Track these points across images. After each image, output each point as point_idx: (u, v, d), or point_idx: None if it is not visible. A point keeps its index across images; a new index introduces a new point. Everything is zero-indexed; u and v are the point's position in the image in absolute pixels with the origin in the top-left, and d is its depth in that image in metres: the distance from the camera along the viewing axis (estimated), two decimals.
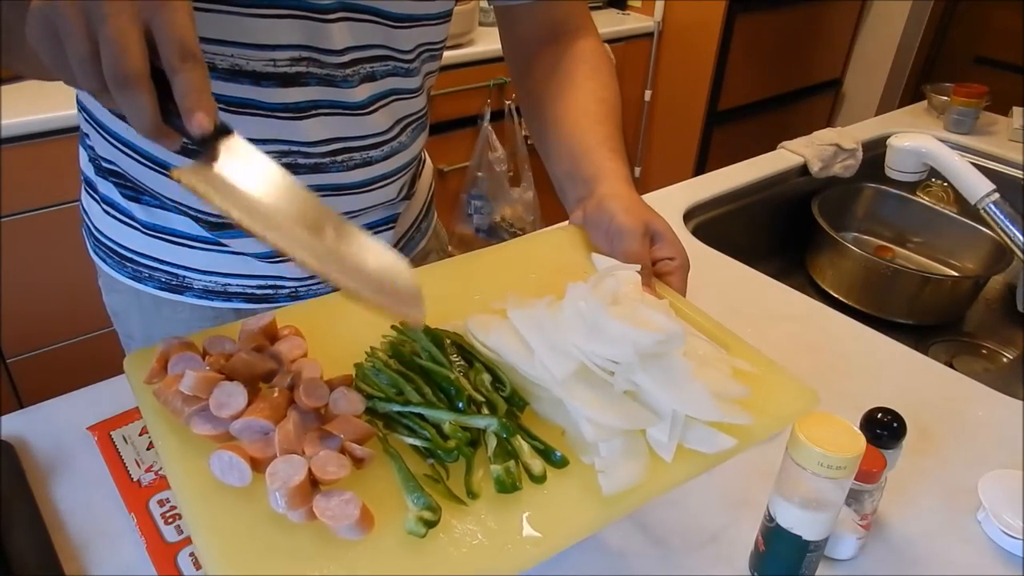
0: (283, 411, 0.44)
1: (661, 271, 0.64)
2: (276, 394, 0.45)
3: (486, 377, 0.48)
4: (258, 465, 0.41)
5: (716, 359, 0.51)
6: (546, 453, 0.45)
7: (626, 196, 0.67)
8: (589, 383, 0.47)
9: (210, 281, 0.75)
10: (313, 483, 0.40)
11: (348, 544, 0.40)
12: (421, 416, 0.46)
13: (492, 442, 0.44)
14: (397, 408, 0.46)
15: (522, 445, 0.45)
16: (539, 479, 0.44)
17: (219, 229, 0.72)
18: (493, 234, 2.28)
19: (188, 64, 0.40)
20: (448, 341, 0.51)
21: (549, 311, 0.51)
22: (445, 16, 0.73)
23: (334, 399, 0.46)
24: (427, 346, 0.50)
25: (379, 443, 0.45)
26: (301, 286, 0.78)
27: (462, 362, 0.50)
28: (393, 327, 0.53)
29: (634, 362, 0.46)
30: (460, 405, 0.46)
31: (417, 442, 0.45)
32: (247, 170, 0.44)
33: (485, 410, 0.46)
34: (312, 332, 0.52)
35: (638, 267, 0.60)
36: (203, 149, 0.43)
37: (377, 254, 0.45)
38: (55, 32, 0.40)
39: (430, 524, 0.40)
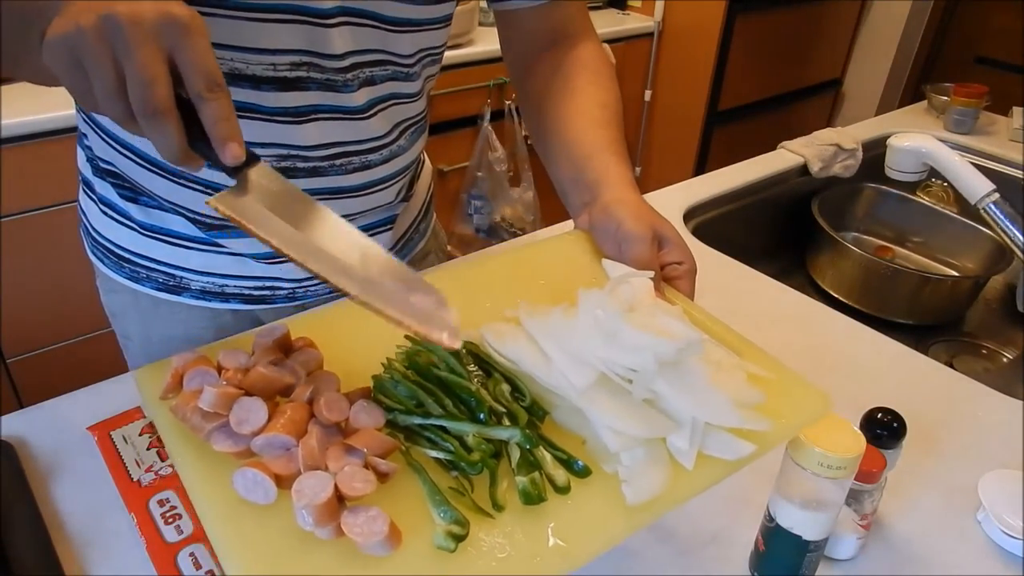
0: (304, 426, 0.44)
1: (669, 275, 0.64)
2: (296, 408, 0.44)
3: (505, 387, 0.48)
4: (282, 482, 0.41)
5: (730, 364, 0.51)
6: (568, 463, 0.45)
7: (632, 201, 0.66)
8: (608, 392, 0.47)
9: (207, 282, 0.75)
10: (339, 499, 0.40)
11: (376, 561, 0.39)
12: (443, 428, 0.45)
13: (515, 453, 0.44)
14: (418, 420, 0.46)
15: (545, 456, 0.44)
16: (563, 490, 0.43)
17: (215, 230, 0.72)
18: (493, 234, 2.28)
19: (215, 93, 0.41)
20: (464, 351, 0.50)
21: (565, 319, 0.51)
22: (445, 20, 0.73)
23: (354, 412, 0.45)
24: (445, 357, 0.50)
25: (401, 456, 0.44)
26: (299, 287, 0.78)
27: (479, 372, 0.49)
28: (407, 337, 0.52)
29: (653, 370, 0.46)
30: (481, 416, 0.46)
31: (440, 455, 0.44)
32: (277, 198, 0.45)
33: (506, 421, 0.46)
34: (323, 343, 0.51)
35: (651, 274, 0.59)
36: (233, 176, 0.44)
37: (411, 280, 0.45)
38: (79, 62, 0.40)
39: (459, 538, 0.40)
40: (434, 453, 0.45)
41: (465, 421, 0.45)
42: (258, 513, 0.41)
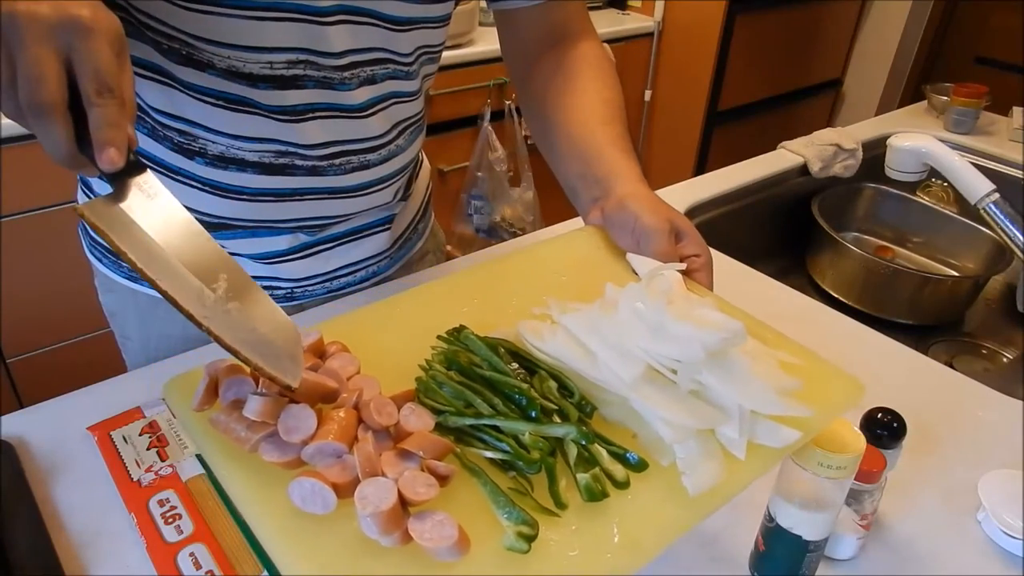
0: (353, 432, 0.42)
1: (688, 269, 0.64)
2: (343, 414, 0.43)
3: (552, 384, 0.48)
4: (339, 490, 0.39)
5: (762, 353, 0.51)
6: (623, 458, 0.44)
7: (646, 195, 0.67)
8: (656, 385, 0.47)
9: None
10: (402, 504, 0.39)
11: (446, 567, 0.38)
12: (495, 428, 0.44)
13: (572, 450, 0.44)
14: (471, 421, 0.45)
15: (600, 451, 0.44)
16: (623, 485, 0.43)
17: (213, 229, 0.72)
18: (493, 234, 2.28)
19: (104, 98, 0.40)
20: (502, 349, 0.50)
21: (604, 315, 0.51)
22: (445, 19, 0.73)
23: (404, 416, 0.44)
24: (487, 356, 0.49)
25: (455, 459, 0.44)
26: (297, 287, 0.78)
27: (521, 370, 0.49)
28: (439, 337, 0.52)
29: (701, 360, 0.46)
30: (533, 414, 0.45)
31: (496, 455, 0.44)
32: (153, 211, 0.43)
33: (556, 418, 0.45)
34: (352, 347, 0.50)
35: (683, 266, 0.60)
36: (112, 184, 0.43)
37: (266, 312, 0.44)
38: None
39: (530, 539, 0.39)
40: (490, 454, 0.44)
41: (518, 420, 0.45)
42: (317, 524, 0.39)
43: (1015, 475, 0.65)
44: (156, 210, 0.43)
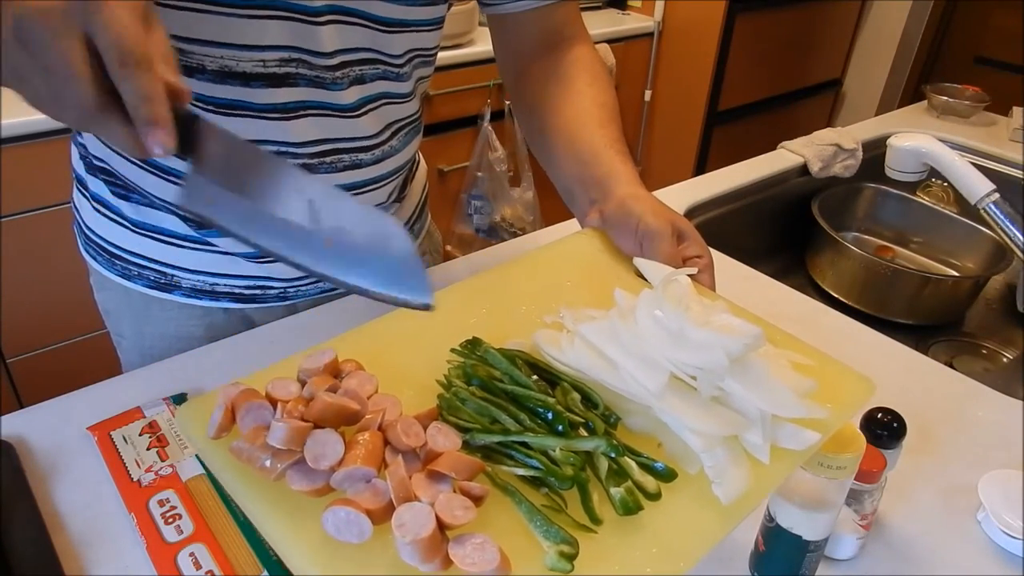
0: (381, 455, 0.41)
1: None
2: (368, 437, 0.41)
3: (576, 396, 0.47)
4: (372, 516, 0.38)
5: (775, 355, 0.51)
6: (652, 468, 0.44)
7: (646, 197, 0.66)
8: (678, 393, 0.46)
9: (198, 280, 0.75)
10: (439, 529, 0.37)
11: None
12: (524, 444, 0.43)
13: (603, 464, 0.43)
14: (499, 438, 0.43)
15: (630, 464, 0.43)
16: (655, 496, 0.42)
17: (207, 228, 0.72)
18: (493, 234, 2.28)
19: (128, 68, 0.36)
20: (520, 361, 0.49)
21: (623, 323, 0.50)
22: (436, 23, 0.73)
23: (431, 435, 0.42)
24: (508, 369, 0.48)
25: (486, 478, 0.42)
26: (290, 287, 0.78)
27: (542, 382, 0.48)
28: (454, 350, 0.51)
29: (724, 367, 0.45)
30: (560, 428, 0.44)
31: (527, 472, 0.42)
32: (228, 161, 0.41)
33: (582, 431, 0.44)
34: (366, 363, 0.48)
35: (693, 270, 0.59)
36: (179, 154, 0.41)
37: (364, 225, 0.42)
38: (16, 73, 0.37)
39: (571, 557, 0.38)
40: (521, 471, 0.42)
41: (547, 435, 0.43)
42: (353, 554, 0.38)
43: (1015, 475, 0.65)
44: (234, 159, 0.41)
